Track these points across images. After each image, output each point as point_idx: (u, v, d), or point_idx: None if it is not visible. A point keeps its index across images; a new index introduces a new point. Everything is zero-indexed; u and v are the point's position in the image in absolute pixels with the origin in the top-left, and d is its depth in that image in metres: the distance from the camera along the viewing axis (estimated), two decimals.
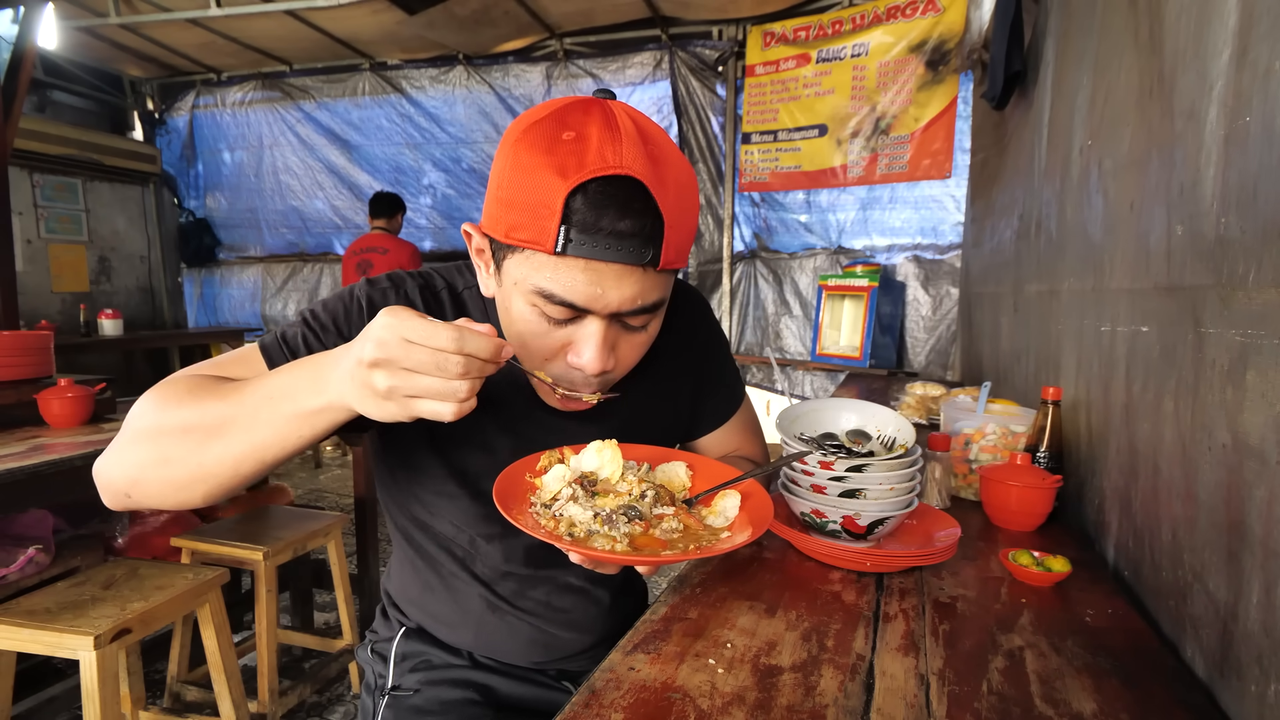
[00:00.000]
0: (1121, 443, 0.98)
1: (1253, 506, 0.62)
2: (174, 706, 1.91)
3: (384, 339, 0.56)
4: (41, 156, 4.38)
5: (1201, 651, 0.71)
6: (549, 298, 0.67)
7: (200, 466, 0.65)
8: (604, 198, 0.63)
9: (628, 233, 0.64)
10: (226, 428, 0.64)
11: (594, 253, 0.64)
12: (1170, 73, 0.87)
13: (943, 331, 3.66)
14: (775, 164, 3.98)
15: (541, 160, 0.64)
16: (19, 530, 1.81)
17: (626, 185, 0.64)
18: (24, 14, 2.92)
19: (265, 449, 0.64)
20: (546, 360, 0.74)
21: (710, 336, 1.02)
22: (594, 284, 0.66)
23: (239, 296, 5.44)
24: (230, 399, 0.65)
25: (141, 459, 0.67)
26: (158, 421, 0.67)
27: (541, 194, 0.63)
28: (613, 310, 0.68)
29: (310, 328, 0.79)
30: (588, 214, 0.63)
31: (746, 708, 0.62)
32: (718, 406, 1.03)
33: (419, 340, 0.56)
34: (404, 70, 4.72)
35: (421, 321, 0.57)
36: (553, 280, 0.66)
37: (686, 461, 0.86)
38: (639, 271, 0.67)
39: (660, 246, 0.66)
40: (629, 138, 0.65)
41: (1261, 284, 0.62)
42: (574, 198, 0.63)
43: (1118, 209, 1.06)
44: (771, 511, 0.76)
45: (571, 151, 0.64)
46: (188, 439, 0.65)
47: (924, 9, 3.49)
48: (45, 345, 1.92)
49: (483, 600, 0.92)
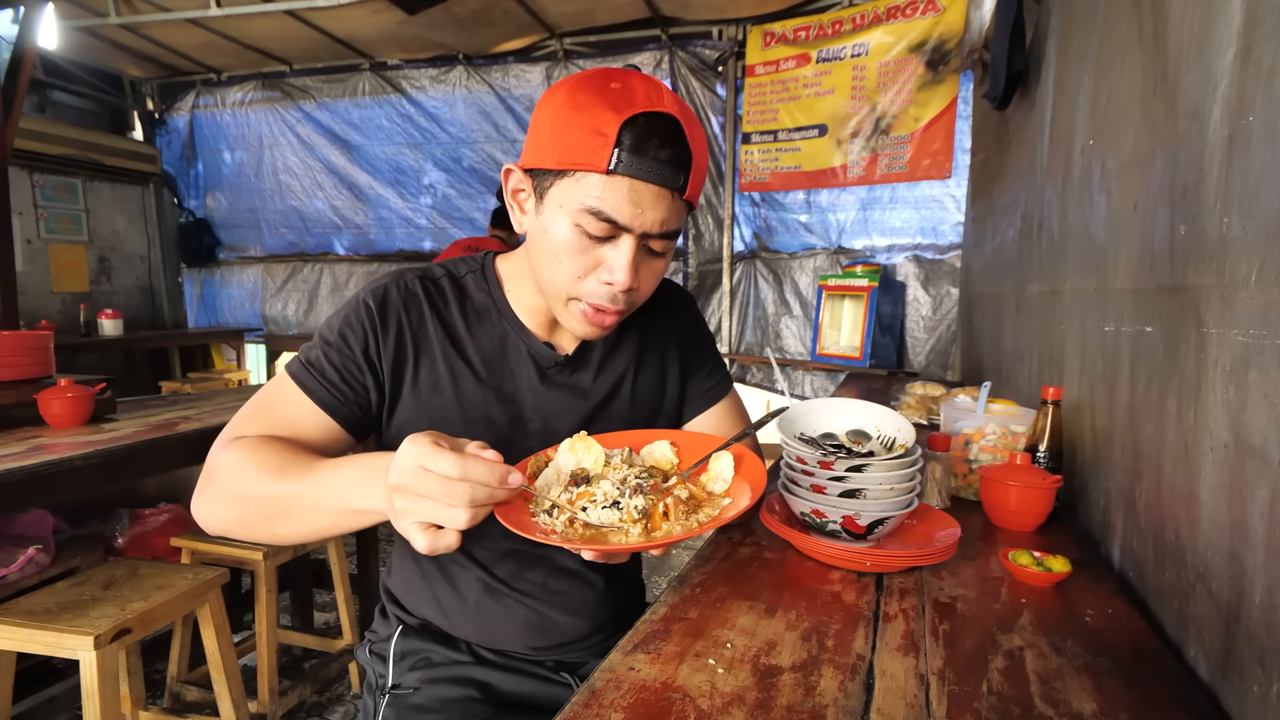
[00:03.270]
0: (1125, 443, 0.98)
1: (1255, 506, 0.62)
2: (174, 706, 1.91)
3: (402, 465, 0.61)
4: (41, 156, 4.38)
5: (1204, 652, 0.71)
6: (596, 214, 0.76)
7: (275, 536, 0.76)
8: (650, 129, 0.74)
9: (667, 160, 0.75)
10: (292, 511, 0.73)
11: (639, 173, 0.74)
12: (1173, 72, 0.87)
13: (943, 331, 3.65)
14: (775, 164, 3.98)
15: (596, 99, 0.75)
16: (19, 530, 1.80)
17: (667, 121, 0.75)
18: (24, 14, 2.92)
19: (324, 531, 0.74)
20: (579, 278, 0.81)
21: (694, 327, 1.08)
22: (635, 203, 0.76)
23: (239, 296, 5.44)
24: (295, 483, 0.72)
25: (228, 519, 0.77)
26: (237, 490, 0.75)
27: (597, 123, 0.74)
28: (646, 229, 0.77)
29: (329, 343, 0.86)
30: (637, 140, 0.74)
31: (746, 708, 0.61)
32: (705, 390, 1.07)
33: (430, 467, 0.60)
34: (404, 70, 4.72)
35: (435, 451, 0.60)
36: (601, 198, 0.76)
37: (669, 439, 0.88)
38: (670, 196, 0.77)
39: (689, 176, 0.77)
40: (665, 91, 0.78)
41: (1264, 284, 0.62)
42: (625, 128, 0.73)
43: (1120, 209, 1.06)
44: (763, 470, 0.78)
45: (622, 95, 0.75)
46: (260, 513, 0.74)
47: (924, 9, 3.48)
48: (45, 345, 1.92)
49: (481, 584, 0.95)
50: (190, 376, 5.06)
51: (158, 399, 2.35)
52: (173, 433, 1.76)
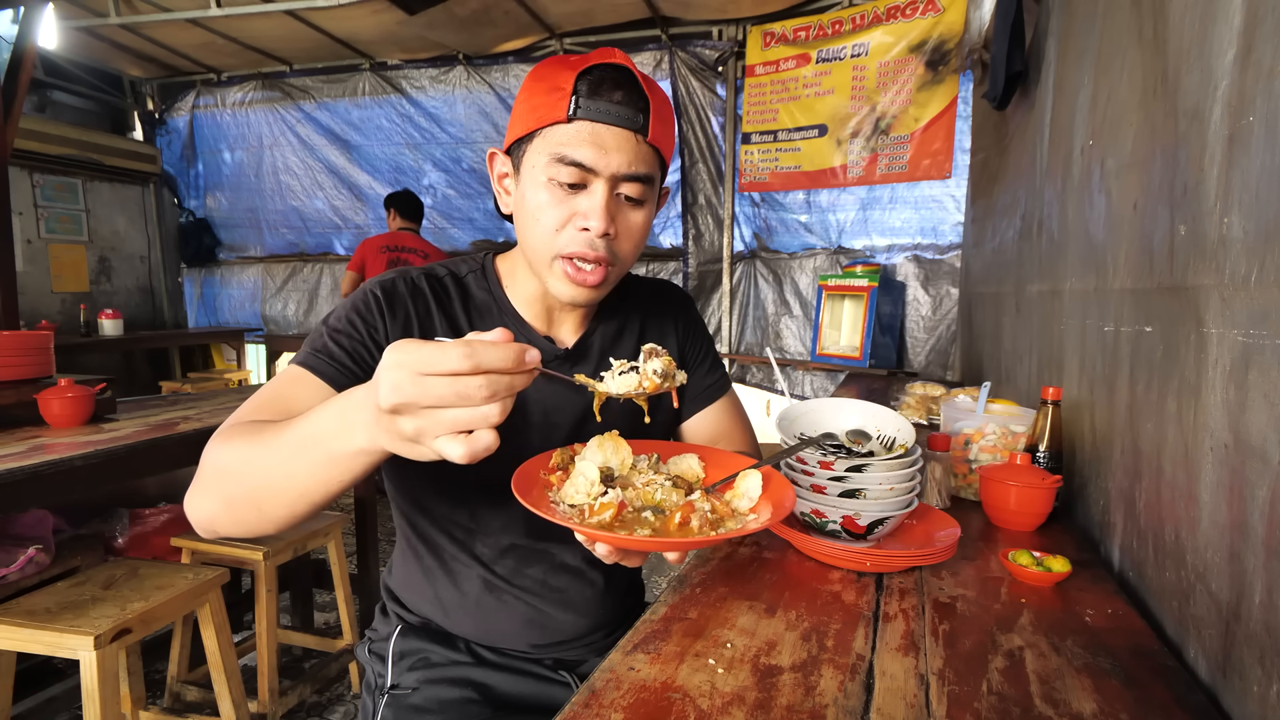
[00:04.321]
0: (1125, 443, 0.98)
1: (1255, 506, 0.62)
2: (174, 706, 1.91)
3: (396, 380, 0.52)
4: (41, 156, 4.38)
5: (1204, 652, 0.71)
6: (562, 160, 0.80)
7: (261, 515, 0.69)
8: (603, 77, 0.81)
9: (623, 101, 0.81)
10: (271, 476, 0.66)
11: (598, 115, 0.80)
12: (1174, 72, 0.87)
13: (943, 331, 3.65)
14: (775, 164, 3.97)
15: (555, 67, 0.83)
16: (19, 530, 1.80)
17: (620, 70, 0.82)
18: (24, 14, 2.92)
19: (310, 495, 0.66)
20: (557, 231, 0.84)
21: (692, 324, 1.10)
22: (599, 145, 0.80)
23: (239, 296, 5.44)
24: (269, 444, 0.66)
25: (213, 505, 0.71)
26: (218, 467, 0.71)
27: (555, 81, 0.81)
28: (614, 171, 0.81)
29: (337, 330, 0.85)
30: (592, 87, 0.80)
31: (746, 708, 0.61)
32: (702, 388, 1.08)
33: (431, 369, 0.52)
34: (404, 70, 4.71)
35: (429, 348, 0.52)
36: (565, 145, 0.80)
37: (697, 454, 0.88)
38: (634, 139, 0.82)
39: (648, 117, 0.82)
40: (621, 56, 0.85)
41: (1264, 284, 0.62)
42: (580, 79, 0.80)
43: (1120, 209, 1.06)
44: (793, 492, 0.77)
45: (578, 59, 0.83)
46: (242, 488, 0.68)
47: (924, 9, 3.48)
48: (45, 345, 1.92)
49: (481, 581, 0.95)
50: (190, 376, 5.07)
51: (158, 399, 2.35)
52: (173, 433, 1.76)
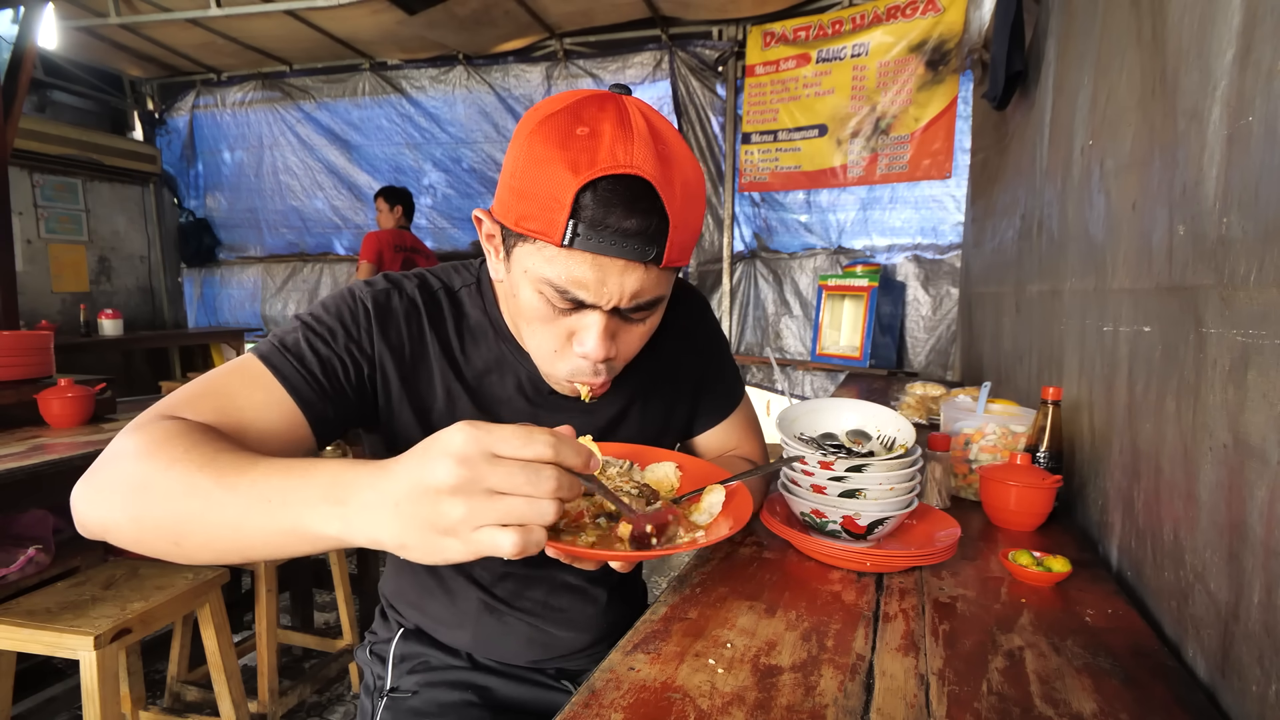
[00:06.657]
0: (1124, 443, 0.98)
1: (1254, 506, 0.62)
2: (174, 706, 1.91)
3: (468, 455, 0.46)
4: (41, 156, 4.38)
5: (1203, 652, 0.71)
6: (554, 288, 0.69)
7: (176, 548, 0.57)
8: (612, 195, 0.64)
9: (633, 231, 0.65)
10: (211, 520, 0.54)
11: (599, 248, 0.65)
12: (1173, 73, 0.87)
13: (943, 331, 3.65)
14: (775, 164, 3.97)
15: (555, 154, 0.65)
16: (19, 530, 1.80)
17: (635, 184, 0.65)
18: (24, 14, 2.92)
19: (250, 550, 0.55)
20: (556, 352, 0.76)
21: (710, 336, 1.03)
22: (598, 278, 0.67)
23: (239, 296, 5.44)
24: (224, 480, 0.54)
25: (114, 514, 0.58)
26: (140, 476, 0.57)
27: (553, 188, 0.65)
28: (614, 304, 0.70)
29: (314, 331, 0.76)
30: (596, 210, 0.64)
31: (746, 708, 0.61)
32: (716, 404, 1.04)
33: (512, 453, 0.47)
34: (404, 70, 4.71)
35: (509, 430, 0.48)
36: (558, 273, 0.68)
37: (676, 462, 0.86)
38: (642, 268, 0.68)
39: (664, 245, 0.67)
40: (640, 136, 0.66)
41: (1263, 284, 0.62)
42: (584, 194, 0.64)
43: (1120, 209, 1.06)
44: (750, 508, 0.75)
45: (584, 148, 0.65)
46: (164, 513, 0.56)
47: (924, 9, 3.48)
48: (45, 345, 1.92)
49: (480, 602, 0.92)
50: (190, 376, 5.03)
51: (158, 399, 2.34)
52: None
